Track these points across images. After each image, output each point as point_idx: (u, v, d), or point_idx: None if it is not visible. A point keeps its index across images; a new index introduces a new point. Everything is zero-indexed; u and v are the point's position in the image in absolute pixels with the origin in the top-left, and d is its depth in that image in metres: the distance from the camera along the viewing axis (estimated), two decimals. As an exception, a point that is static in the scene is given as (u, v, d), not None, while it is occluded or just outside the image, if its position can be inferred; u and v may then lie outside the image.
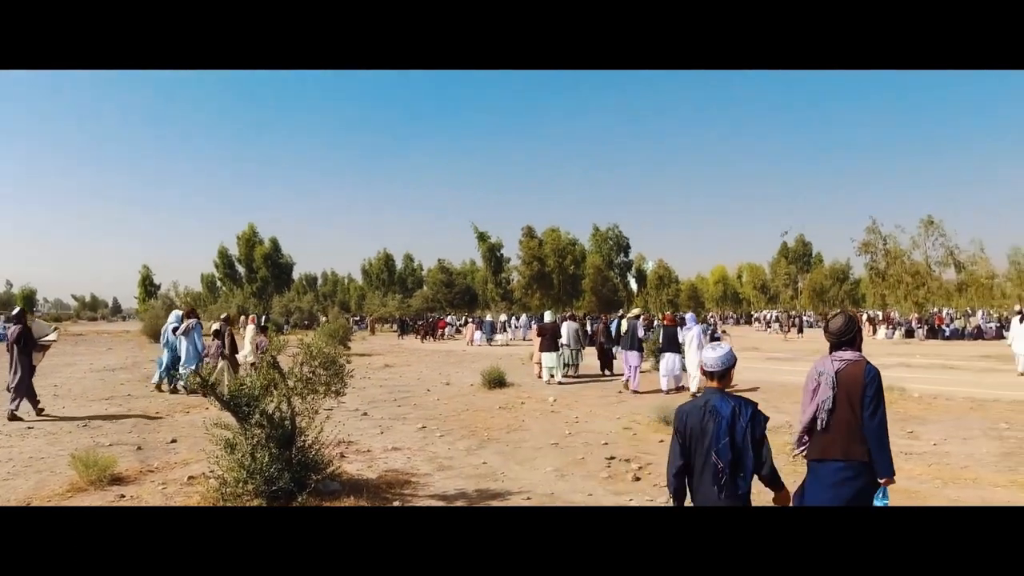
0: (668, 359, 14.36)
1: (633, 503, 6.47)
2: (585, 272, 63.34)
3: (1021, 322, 17.72)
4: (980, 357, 22.88)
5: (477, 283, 71.78)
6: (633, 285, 78.58)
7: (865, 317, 46.54)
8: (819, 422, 4.45)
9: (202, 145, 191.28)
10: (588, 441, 9.36)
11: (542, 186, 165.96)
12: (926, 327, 38.33)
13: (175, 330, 14.36)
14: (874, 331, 39.48)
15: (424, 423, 10.83)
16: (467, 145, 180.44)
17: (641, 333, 15.23)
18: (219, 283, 78.03)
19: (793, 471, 5.94)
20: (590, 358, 19.48)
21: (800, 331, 45.77)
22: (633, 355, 14.70)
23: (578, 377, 17.82)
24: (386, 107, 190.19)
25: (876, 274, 38.58)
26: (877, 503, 4.33)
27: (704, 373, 4.03)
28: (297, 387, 6.06)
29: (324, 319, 47.56)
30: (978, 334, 35.85)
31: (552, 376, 16.31)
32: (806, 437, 4.61)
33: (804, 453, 4.64)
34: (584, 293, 62.91)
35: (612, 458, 8.27)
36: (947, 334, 37.38)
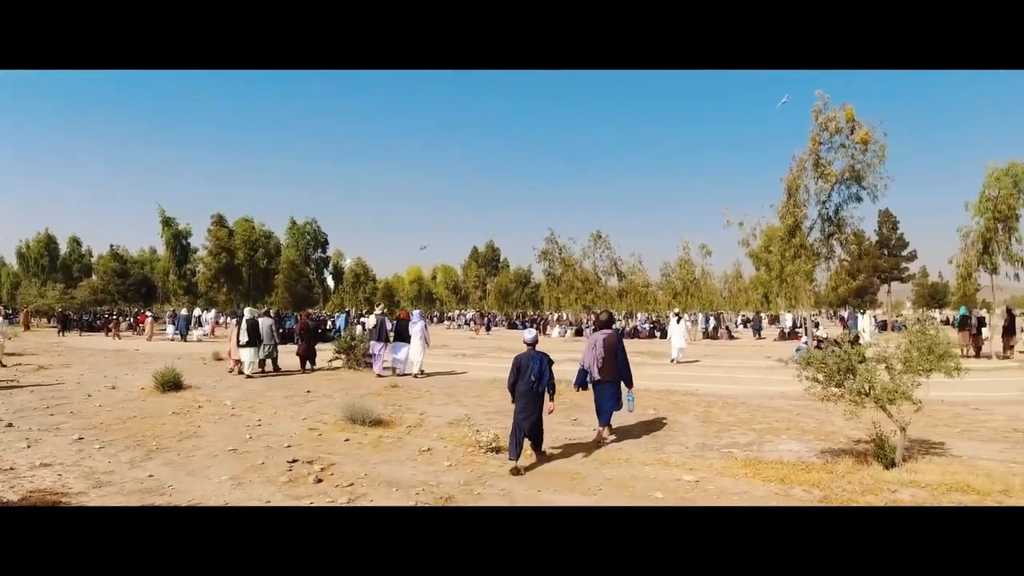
0: (398, 348, 17.07)
1: (314, 505, 6.33)
2: (279, 267, 61.02)
3: (678, 323, 22.54)
4: (635, 353, 25.94)
5: (157, 274, 65.42)
6: (330, 282, 77.46)
7: (554, 318, 50.81)
8: (598, 363, 9.28)
9: None
10: (270, 445, 8.97)
11: (239, 175, 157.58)
12: (593, 327, 42.71)
13: None
14: (544, 330, 42.88)
15: (81, 433, 9.57)
16: (157, 124, 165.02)
17: (388, 327, 17.53)
18: None
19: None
20: (286, 356, 18.85)
21: (488, 329, 48.58)
22: (378, 345, 17.30)
23: (275, 372, 17.57)
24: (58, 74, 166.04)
25: (552, 279, 42.30)
26: (629, 399, 9.51)
27: (525, 342, 8.32)
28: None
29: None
30: (635, 333, 40.77)
31: (249, 372, 16.60)
32: (594, 373, 9.34)
33: (592, 381, 9.42)
34: (276, 288, 60.58)
35: (294, 461, 8.00)
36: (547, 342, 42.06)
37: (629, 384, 9.46)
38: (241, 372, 16.68)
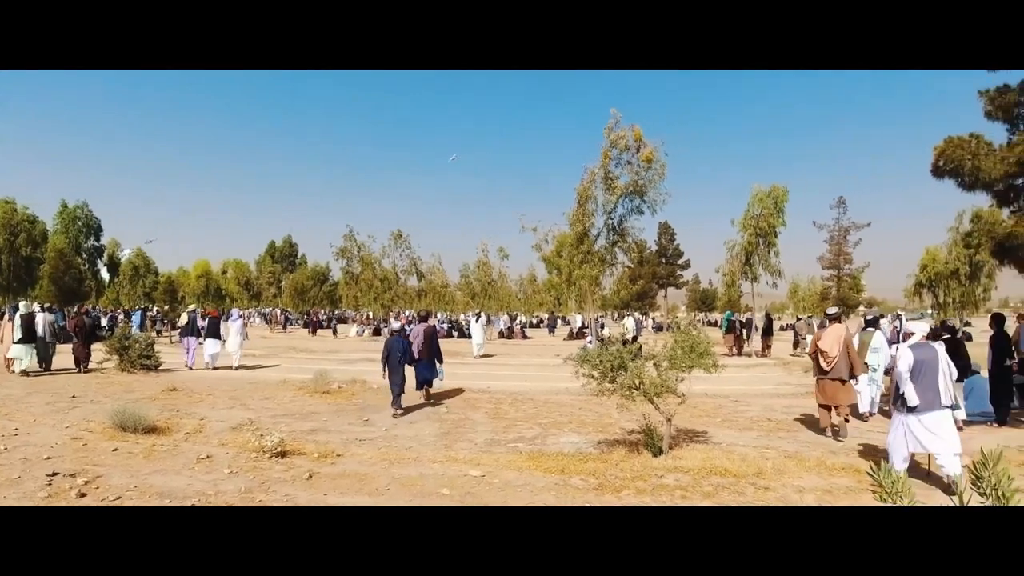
0: (210, 344, 17.96)
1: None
2: (45, 255, 54.89)
3: (477, 321, 24.62)
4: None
5: None
6: (105, 274, 70.72)
7: (366, 316, 50.02)
8: (419, 346, 12.71)
9: None
10: (27, 456, 8.00)
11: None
12: (386, 326, 42.63)
13: None
14: (335, 331, 41.88)
15: None
16: None
17: (200, 323, 18.63)
18: None
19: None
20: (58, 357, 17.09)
21: (284, 327, 46.93)
22: (192, 340, 18.37)
23: (47, 372, 16.09)
24: None
25: (351, 277, 41.67)
26: (440, 372, 13.17)
27: (393, 330, 13.01)
28: None
29: None
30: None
31: (21, 369, 15.54)
32: (415, 353, 12.55)
33: (415, 359, 12.55)
34: (41, 280, 54.47)
35: (55, 474, 7.19)
36: (408, 332, 41.98)
37: (440, 360, 13.34)
38: (11, 370, 15.53)
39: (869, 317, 12.88)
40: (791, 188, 25.28)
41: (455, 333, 39.34)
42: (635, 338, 16.68)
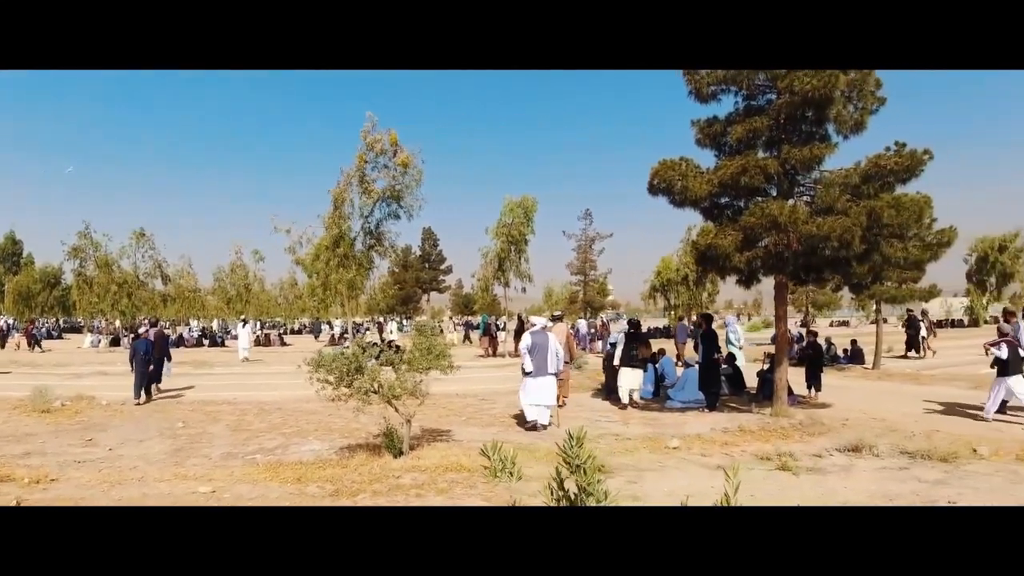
0: None
1: None
2: None
3: (244, 327, 24.76)
4: (178, 363, 24.51)
5: None
6: None
7: (114, 325, 45.10)
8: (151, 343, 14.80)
9: None
10: None
11: None
12: (133, 334, 39.09)
13: None
14: (37, 343, 37.19)
15: None
16: None
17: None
18: None
19: None
20: None
21: (3, 341, 41.24)
22: None
23: None
24: None
25: (84, 281, 37.50)
26: (168, 371, 15.76)
27: (139, 333, 14.83)
28: None
29: None
30: (179, 342, 38.24)
31: None
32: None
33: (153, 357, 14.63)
34: None
35: None
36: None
37: (169, 359, 15.77)
38: None
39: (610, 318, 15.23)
40: (547, 200, 27.09)
41: (206, 341, 37.02)
42: (391, 343, 16.93)
